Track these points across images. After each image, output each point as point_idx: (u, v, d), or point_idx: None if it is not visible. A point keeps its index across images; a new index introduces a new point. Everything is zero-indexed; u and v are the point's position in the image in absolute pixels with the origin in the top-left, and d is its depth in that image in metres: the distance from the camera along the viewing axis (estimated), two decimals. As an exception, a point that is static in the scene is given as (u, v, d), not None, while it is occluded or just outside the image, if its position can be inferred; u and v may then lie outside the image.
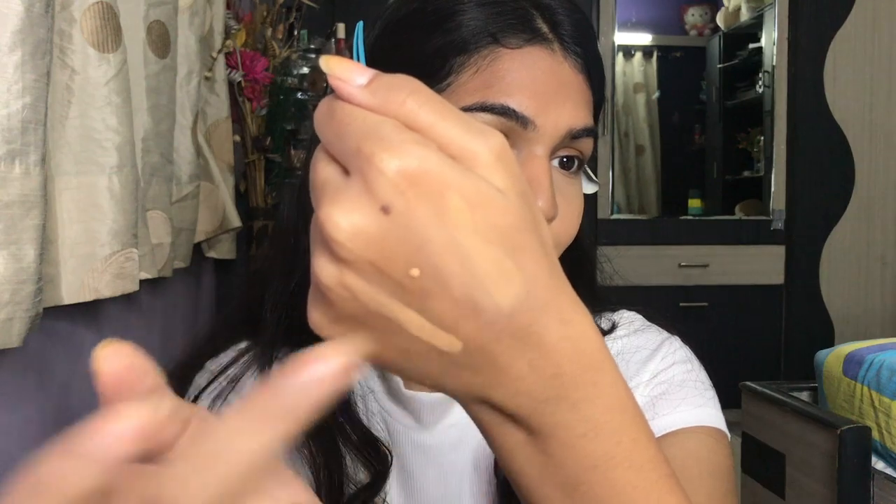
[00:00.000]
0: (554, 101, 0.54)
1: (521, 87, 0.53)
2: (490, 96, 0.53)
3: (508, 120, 0.53)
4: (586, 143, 0.57)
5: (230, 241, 2.00)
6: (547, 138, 0.54)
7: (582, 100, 0.56)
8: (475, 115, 0.53)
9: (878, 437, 1.54)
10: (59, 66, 0.93)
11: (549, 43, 0.55)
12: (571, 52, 0.56)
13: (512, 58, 0.54)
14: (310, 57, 2.35)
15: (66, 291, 0.94)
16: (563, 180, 0.57)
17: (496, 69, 0.54)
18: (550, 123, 0.54)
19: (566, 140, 0.55)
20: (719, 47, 4.23)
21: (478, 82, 0.54)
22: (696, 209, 3.98)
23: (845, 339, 2.36)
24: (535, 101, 0.53)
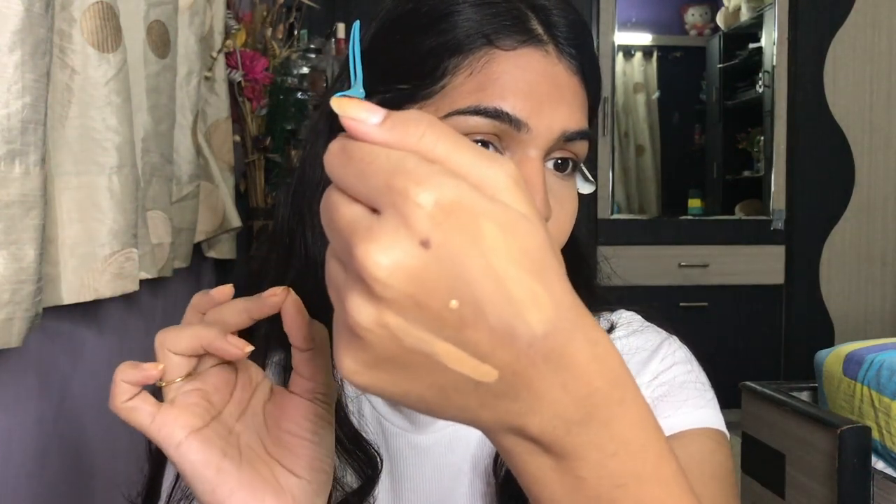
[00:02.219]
0: (548, 103, 0.54)
1: (514, 90, 0.53)
2: (484, 99, 0.53)
3: (502, 123, 0.53)
4: (581, 145, 0.57)
5: (230, 241, 2.00)
6: (540, 140, 0.54)
7: (577, 102, 0.56)
8: (469, 117, 0.53)
9: (878, 437, 1.54)
10: (59, 66, 0.93)
11: (543, 44, 0.55)
12: (566, 54, 0.56)
13: (506, 59, 0.54)
14: (310, 57, 2.35)
15: (66, 291, 0.94)
16: (557, 182, 0.57)
17: (490, 71, 0.54)
18: (544, 125, 0.54)
19: (560, 142, 0.55)
20: (719, 47, 4.23)
21: (472, 84, 0.54)
22: (696, 209, 3.98)
23: (845, 339, 2.36)
24: (528, 104, 0.53)
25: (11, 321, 0.73)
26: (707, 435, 0.63)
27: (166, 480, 0.64)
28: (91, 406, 1.13)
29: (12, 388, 0.89)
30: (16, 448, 0.89)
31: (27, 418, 0.93)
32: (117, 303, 1.19)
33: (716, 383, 0.77)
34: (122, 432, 1.26)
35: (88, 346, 1.12)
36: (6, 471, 0.87)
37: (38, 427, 0.95)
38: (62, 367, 1.03)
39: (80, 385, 1.09)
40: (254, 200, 2.18)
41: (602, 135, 3.36)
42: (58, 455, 1.01)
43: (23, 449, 0.91)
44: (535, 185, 0.53)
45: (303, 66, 2.30)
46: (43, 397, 0.97)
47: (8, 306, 0.73)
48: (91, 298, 0.97)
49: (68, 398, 1.05)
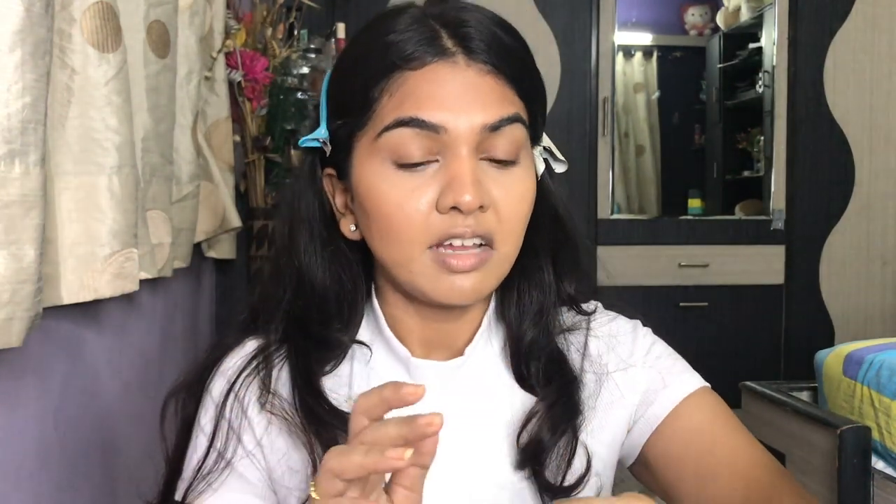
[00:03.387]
0: (461, 105, 0.60)
1: (427, 100, 0.60)
2: (402, 112, 0.60)
3: (422, 129, 0.60)
4: (512, 130, 0.62)
5: (230, 241, 2.00)
6: (463, 139, 0.60)
7: (493, 96, 0.62)
8: (394, 131, 0.60)
9: (878, 437, 1.54)
10: (59, 66, 0.93)
11: (450, 56, 0.62)
12: (477, 59, 0.62)
13: (418, 77, 0.61)
14: (310, 57, 2.35)
15: (66, 291, 0.94)
16: (497, 172, 0.63)
17: (406, 90, 0.61)
18: (462, 125, 0.60)
19: (486, 134, 0.61)
20: (719, 47, 4.23)
21: (392, 104, 0.61)
22: (696, 209, 3.97)
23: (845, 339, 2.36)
24: (442, 110, 0.60)
25: (11, 321, 0.73)
26: (708, 392, 0.73)
27: (190, 464, 0.68)
28: (91, 406, 1.13)
29: (12, 388, 0.89)
30: (15, 448, 0.89)
31: (27, 418, 0.93)
32: (117, 303, 1.19)
33: (716, 383, 0.78)
34: (121, 432, 1.26)
35: (88, 346, 1.12)
36: (6, 471, 0.87)
37: (38, 427, 0.95)
38: (62, 367, 1.03)
39: (80, 385, 1.09)
40: (254, 200, 2.18)
41: (602, 135, 3.36)
42: (58, 455, 1.01)
43: (22, 449, 0.91)
44: (464, 179, 0.60)
45: (303, 66, 2.30)
46: (43, 397, 0.97)
47: (8, 306, 0.73)
48: (91, 298, 0.97)
49: (68, 398, 1.05)
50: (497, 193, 0.62)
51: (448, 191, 0.60)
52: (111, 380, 1.21)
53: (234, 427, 0.67)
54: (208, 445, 0.67)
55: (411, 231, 0.61)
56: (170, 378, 0.78)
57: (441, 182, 0.61)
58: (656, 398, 0.72)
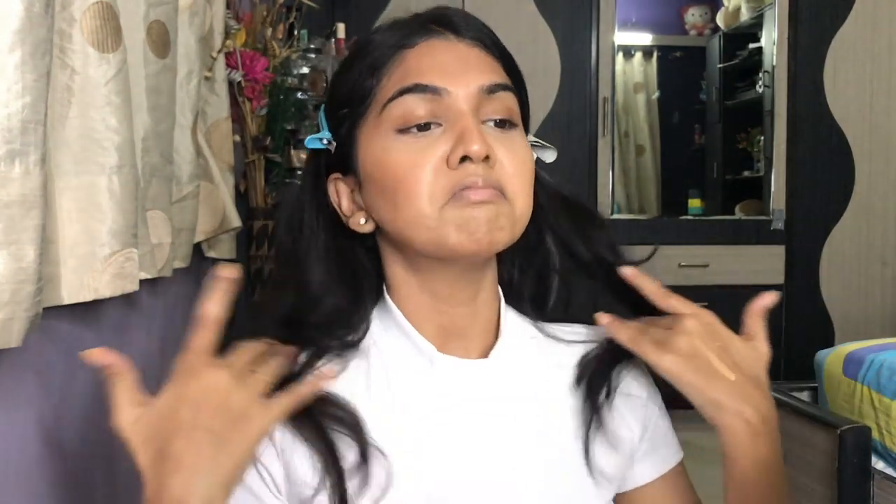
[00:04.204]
0: (457, 70, 0.66)
1: (427, 68, 0.66)
2: (404, 81, 0.65)
3: (426, 93, 0.65)
4: (506, 96, 0.68)
5: (230, 241, 2.00)
6: (463, 99, 0.65)
7: (485, 65, 0.68)
8: (398, 100, 0.65)
9: (878, 437, 1.54)
10: (59, 66, 0.93)
11: (442, 34, 0.68)
12: (465, 36, 0.69)
13: (414, 52, 0.67)
14: (310, 57, 2.35)
15: (66, 291, 0.94)
16: (500, 136, 0.67)
17: (405, 66, 0.67)
18: (462, 85, 0.65)
19: (483, 96, 0.66)
20: (719, 47, 4.23)
21: (394, 81, 0.66)
22: (696, 209, 3.97)
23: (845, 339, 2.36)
24: (441, 74, 0.65)
25: (11, 321, 0.73)
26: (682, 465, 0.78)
27: None
28: (91, 406, 1.13)
29: (12, 388, 0.89)
30: (15, 448, 0.89)
31: (27, 418, 0.93)
32: (117, 303, 1.19)
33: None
34: (122, 432, 1.26)
35: (88, 346, 1.12)
36: (6, 471, 0.87)
37: (38, 427, 0.95)
38: (62, 367, 1.03)
39: (80, 385, 1.09)
40: (254, 200, 2.18)
41: (602, 135, 3.36)
42: (58, 455, 1.01)
43: (22, 449, 0.91)
44: (472, 130, 0.64)
45: (303, 66, 2.30)
46: (43, 397, 0.97)
47: (8, 306, 0.73)
48: (91, 298, 0.97)
49: (68, 398, 1.05)
50: (501, 152, 0.66)
51: (458, 145, 0.63)
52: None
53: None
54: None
55: (425, 188, 0.64)
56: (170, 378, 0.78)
57: (447, 142, 0.64)
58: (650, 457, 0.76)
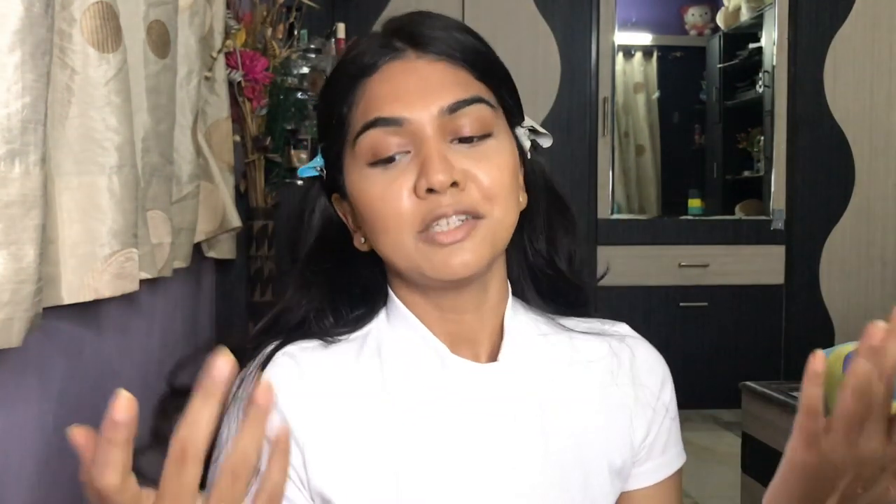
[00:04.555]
0: (416, 94, 0.65)
1: (386, 98, 0.66)
2: (367, 115, 0.66)
3: (388, 126, 0.65)
4: (474, 110, 0.66)
5: (230, 241, 2.00)
6: (426, 124, 0.64)
7: (447, 81, 0.66)
8: (365, 134, 0.65)
9: (878, 437, 1.54)
10: (59, 66, 0.93)
11: (399, 53, 0.67)
12: (427, 52, 0.67)
13: (374, 81, 0.67)
14: (310, 57, 2.35)
15: (66, 291, 0.94)
16: (469, 149, 0.66)
17: (367, 97, 0.67)
18: (422, 110, 0.65)
19: (446, 118, 0.65)
20: (719, 47, 4.23)
21: (360, 113, 0.67)
22: (696, 209, 3.98)
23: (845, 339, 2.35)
24: (400, 103, 0.65)
25: (11, 321, 0.73)
26: (680, 470, 0.77)
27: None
28: (91, 406, 1.13)
29: (12, 388, 0.89)
30: (15, 448, 0.89)
31: (27, 418, 0.93)
32: (117, 303, 1.19)
33: (716, 383, 0.79)
34: (122, 432, 1.26)
35: (88, 346, 1.12)
36: (6, 471, 0.87)
37: (38, 427, 0.95)
38: (62, 367, 1.03)
39: (80, 385, 1.09)
40: (254, 200, 2.18)
41: (602, 135, 3.36)
42: (58, 455, 1.01)
43: (22, 449, 0.91)
44: (433, 159, 0.63)
45: (303, 66, 2.30)
46: (43, 397, 0.97)
47: (8, 306, 0.73)
48: (91, 298, 0.97)
49: (68, 398, 1.05)
50: (472, 167, 0.65)
51: (421, 175, 0.63)
52: (111, 380, 1.21)
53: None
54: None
55: (398, 219, 0.64)
56: (170, 378, 0.78)
57: (414, 170, 0.64)
58: (652, 461, 0.76)
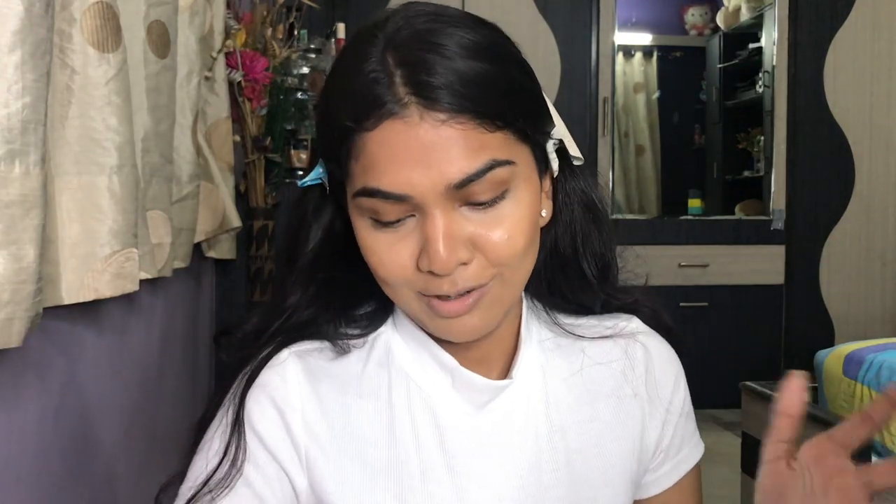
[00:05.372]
0: (417, 169, 0.56)
1: (386, 169, 0.57)
2: (367, 182, 0.58)
3: (387, 200, 0.57)
4: (488, 178, 0.57)
5: (230, 241, 2.00)
6: (430, 201, 0.57)
7: (455, 149, 0.56)
8: (364, 199, 0.59)
9: (878, 437, 1.53)
10: (59, 66, 0.93)
11: (403, 109, 0.56)
12: (433, 108, 0.56)
13: (372, 140, 0.57)
14: (310, 57, 2.35)
15: (66, 291, 0.94)
16: (481, 215, 0.59)
17: (366, 154, 0.58)
18: (426, 188, 0.57)
19: (452, 192, 0.57)
20: (719, 47, 4.23)
21: (360, 168, 0.59)
22: (696, 209, 3.98)
23: (845, 339, 2.36)
24: (400, 175, 0.56)
25: (11, 321, 0.73)
26: (698, 466, 0.76)
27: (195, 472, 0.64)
28: (91, 406, 1.13)
29: (12, 388, 0.89)
30: (15, 448, 0.89)
31: (27, 418, 0.93)
32: (117, 303, 1.19)
33: (716, 383, 0.79)
34: (121, 433, 1.26)
35: (88, 346, 1.12)
36: (6, 470, 0.87)
37: (38, 427, 0.95)
38: (62, 367, 1.03)
39: (80, 385, 1.09)
40: (254, 200, 2.18)
41: (602, 135, 3.36)
42: (58, 455, 1.01)
43: (23, 449, 0.91)
44: (435, 243, 0.57)
45: (303, 66, 2.30)
46: (43, 397, 0.97)
47: (8, 306, 0.73)
48: (91, 298, 0.97)
49: (68, 398, 1.04)
50: (482, 235, 0.59)
51: (423, 254, 0.58)
52: (111, 380, 1.21)
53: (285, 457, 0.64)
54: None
55: (397, 282, 0.61)
56: (170, 378, 0.78)
57: (418, 238, 0.59)
58: (670, 461, 0.74)
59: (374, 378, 0.67)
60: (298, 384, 0.64)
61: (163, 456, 1.41)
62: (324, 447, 0.64)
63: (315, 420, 0.64)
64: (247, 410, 0.64)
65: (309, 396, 0.64)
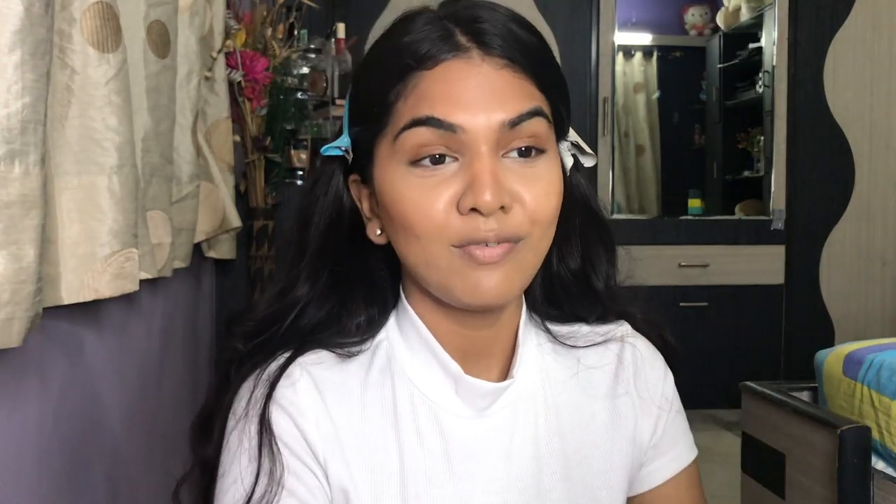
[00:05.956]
0: (477, 103, 0.59)
1: (442, 99, 0.59)
2: (418, 110, 0.60)
3: (438, 128, 0.59)
4: (534, 124, 0.61)
5: (230, 241, 2.00)
6: (482, 137, 0.59)
7: (510, 90, 0.60)
8: (410, 131, 0.59)
9: (878, 437, 1.54)
10: (59, 66, 0.93)
11: (464, 52, 0.60)
12: (492, 53, 0.61)
13: (431, 77, 0.60)
14: (310, 57, 2.35)
15: (66, 291, 0.94)
16: (521, 167, 0.61)
17: (420, 91, 0.60)
18: (481, 123, 0.59)
19: (505, 131, 0.60)
20: (719, 47, 4.23)
21: (408, 106, 0.60)
22: (696, 209, 3.97)
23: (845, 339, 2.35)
24: (457, 108, 0.59)
25: (11, 321, 0.73)
26: (696, 462, 0.77)
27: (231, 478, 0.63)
28: (91, 406, 1.13)
29: (12, 388, 0.89)
30: (15, 448, 0.89)
31: (27, 418, 0.93)
32: (117, 303, 1.19)
33: (716, 383, 0.79)
34: (121, 433, 1.26)
35: (88, 346, 1.12)
36: (6, 470, 0.87)
37: (38, 427, 0.95)
38: (62, 367, 1.03)
39: (80, 385, 1.09)
40: (254, 200, 2.18)
41: (602, 135, 3.36)
42: (58, 455, 1.01)
43: (22, 449, 0.91)
44: (484, 179, 0.58)
45: (303, 66, 2.30)
46: (43, 397, 0.97)
47: (8, 306, 0.73)
48: (91, 298, 0.97)
49: (68, 398, 1.05)
50: (521, 189, 0.61)
51: (468, 192, 0.59)
52: (111, 380, 1.21)
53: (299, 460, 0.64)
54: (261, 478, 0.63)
55: (433, 230, 0.60)
56: (170, 378, 0.78)
57: (461, 181, 0.60)
58: (664, 456, 0.75)
59: (378, 385, 0.67)
60: (308, 396, 0.64)
61: (163, 455, 1.41)
62: (335, 455, 0.64)
63: (326, 429, 0.64)
64: (268, 422, 0.63)
65: (319, 407, 0.64)
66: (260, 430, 0.63)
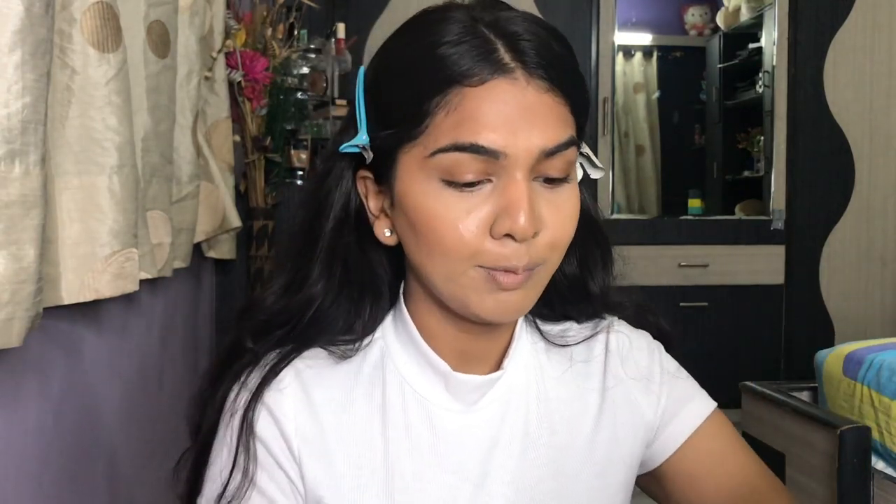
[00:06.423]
0: (521, 128, 0.58)
1: (487, 124, 0.58)
2: (461, 136, 0.58)
3: (480, 155, 0.58)
4: (568, 154, 0.61)
5: (230, 241, 2.00)
6: (521, 162, 0.59)
7: (552, 117, 0.60)
8: (450, 154, 0.58)
9: (878, 437, 1.54)
10: (59, 66, 0.93)
11: (510, 72, 0.58)
12: (535, 75, 0.59)
13: (476, 95, 0.58)
14: (310, 57, 2.35)
15: (66, 291, 0.94)
16: (549, 192, 0.62)
17: (464, 109, 0.58)
18: (521, 149, 0.58)
19: (541, 158, 0.59)
20: (719, 47, 4.23)
21: (450, 122, 0.58)
22: (696, 209, 3.97)
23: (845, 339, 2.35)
24: (501, 134, 0.58)
25: (11, 321, 0.73)
26: (719, 413, 0.76)
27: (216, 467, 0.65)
28: (91, 406, 1.13)
29: (12, 388, 0.89)
30: (15, 448, 0.89)
31: (27, 418, 0.93)
32: (117, 303, 1.19)
33: (716, 383, 0.80)
34: (121, 433, 1.26)
35: (88, 346, 1.12)
36: (6, 470, 0.87)
37: (38, 427, 0.95)
38: (62, 367, 1.03)
39: (80, 385, 1.09)
40: (254, 200, 2.18)
41: (602, 135, 3.36)
42: (58, 455, 1.01)
43: (23, 449, 0.91)
44: (521, 204, 0.58)
45: (303, 66, 2.30)
46: (43, 397, 0.97)
47: (8, 306, 0.73)
48: (91, 298, 0.97)
49: (68, 398, 1.05)
50: (548, 214, 0.61)
51: (504, 216, 0.59)
52: (111, 380, 1.21)
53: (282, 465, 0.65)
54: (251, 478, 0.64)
55: (463, 251, 0.59)
56: (170, 378, 0.78)
57: (494, 204, 0.59)
58: (677, 417, 0.74)
59: (368, 382, 0.68)
60: (294, 397, 0.65)
61: (163, 455, 1.41)
62: (315, 451, 0.65)
63: (310, 430, 0.65)
64: (251, 420, 0.65)
65: (304, 409, 0.65)
66: (241, 426, 0.64)
